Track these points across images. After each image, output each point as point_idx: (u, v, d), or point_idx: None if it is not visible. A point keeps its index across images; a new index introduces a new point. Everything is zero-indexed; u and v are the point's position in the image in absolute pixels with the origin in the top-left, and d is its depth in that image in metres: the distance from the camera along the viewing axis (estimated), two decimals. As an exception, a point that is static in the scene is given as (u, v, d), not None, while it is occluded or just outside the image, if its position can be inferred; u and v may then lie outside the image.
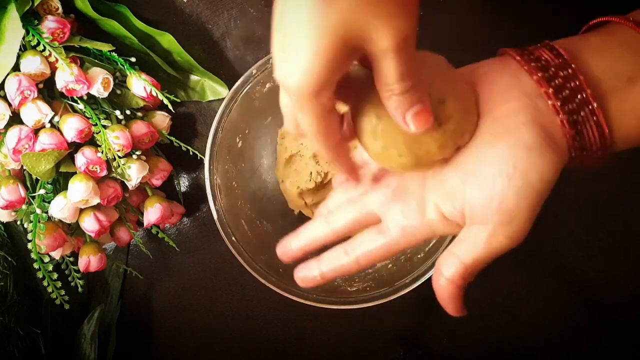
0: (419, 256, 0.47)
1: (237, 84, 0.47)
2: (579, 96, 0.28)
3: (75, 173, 0.46)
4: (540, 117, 0.28)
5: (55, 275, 0.45)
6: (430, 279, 0.46)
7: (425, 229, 0.31)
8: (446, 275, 0.31)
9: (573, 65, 0.28)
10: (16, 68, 0.45)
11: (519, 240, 0.29)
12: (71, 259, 0.49)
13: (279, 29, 0.26)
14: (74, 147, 0.47)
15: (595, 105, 0.28)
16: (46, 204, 0.46)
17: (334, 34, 0.24)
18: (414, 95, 0.27)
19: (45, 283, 0.45)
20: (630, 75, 0.28)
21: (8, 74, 0.44)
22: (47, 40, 0.45)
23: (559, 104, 0.28)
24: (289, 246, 0.36)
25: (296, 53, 0.25)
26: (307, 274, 0.35)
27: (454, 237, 0.45)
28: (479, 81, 0.30)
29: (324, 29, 0.24)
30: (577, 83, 0.28)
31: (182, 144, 0.52)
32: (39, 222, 0.45)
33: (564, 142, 0.28)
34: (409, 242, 0.32)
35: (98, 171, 0.46)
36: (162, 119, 0.51)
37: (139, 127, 0.49)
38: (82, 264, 0.48)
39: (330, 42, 0.24)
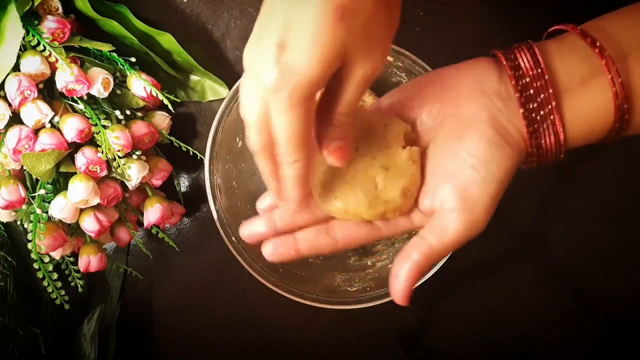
0: (419, 256, 0.47)
1: (237, 84, 0.47)
2: (541, 95, 0.30)
3: (75, 173, 0.46)
4: (499, 116, 0.31)
5: (55, 275, 0.45)
6: (430, 279, 0.46)
7: (406, 222, 0.34)
8: (414, 256, 0.31)
9: (543, 65, 0.31)
10: (16, 68, 0.45)
11: (480, 228, 0.31)
12: (71, 259, 0.49)
13: (277, 18, 0.26)
14: (74, 147, 0.47)
15: (554, 104, 0.30)
16: (46, 204, 0.46)
17: (335, 47, 0.26)
18: (342, 132, 0.30)
19: (45, 283, 0.45)
20: (582, 78, 0.30)
21: (8, 74, 0.44)
22: (47, 41, 0.45)
23: (523, 101, 0.31)
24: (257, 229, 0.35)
25: (300, 51, 0.26)
26: (282, 249, 0.34)
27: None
28: (444, 84, 0.33)
29: (329, 40, 0.26)
30: (543, 82, 0.30)
31: (182, 144, 0.52)
32: (39, 222, 0.45)
33: (521, 139, 0.31)
34: (392, 232, 0.34)
35: (98, 171, 0.46)
36: (162, 119, 0.51)
37: (139, 127, 0.49)
38: (82, 264, 0.48)
39: (331, 53, 0.26)
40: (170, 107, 0.49)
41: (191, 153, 0.52)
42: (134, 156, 0.48)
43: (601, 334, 0.55)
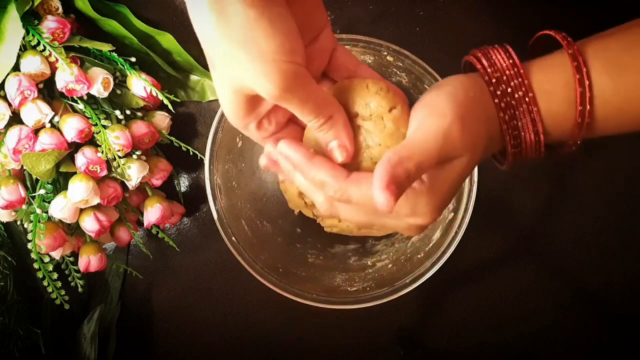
0: (418, 256, 0.47)
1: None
2: (515, 82, 0.31)
3: (75, 173, 0.46)
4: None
5: (55, 275, 0.45)
6: (431, 279, 0.46)
7: None
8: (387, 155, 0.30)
9: (522, 71, 0.32)
10: (16, 68, 0.45)
11: (446, 121, 0.31)
12: (71, 259, 0.49)
13: None
14: (74, 147, 0.47)
15: (530, 95, 0.31)
16: (46, 204, 0.46)
17: (231, 88, 0.28)
18: (329, 132, 0.31)
19: (45, 283, 0.45)
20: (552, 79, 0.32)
21: (8, 74, 0.44)
22: (47, 40, 0.45)
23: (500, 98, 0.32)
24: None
25: (220, 102, 0.30)
26: (294, 152, 0.31)
27: (453, 240, 0.46)
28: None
29: (224, 84, 0.29)
30: (516, 72, 0.32)
31: (182, 144, 0.52)
32: (39, 222, 0.45)
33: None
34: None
35: (98, 171, 0.46)
36: (162, 119, 0.51)
37: (139, 127, 0.49)
38: (82, 264, 0.48)
39: (233, 93, 0.29)
40: (170, 107, 0.49)
41: (191, 153, 0.52)
42: (134, 156, 0.48)
43: (601, 334, 0.55)
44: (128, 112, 0.49)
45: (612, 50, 0.32)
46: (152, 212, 0.50)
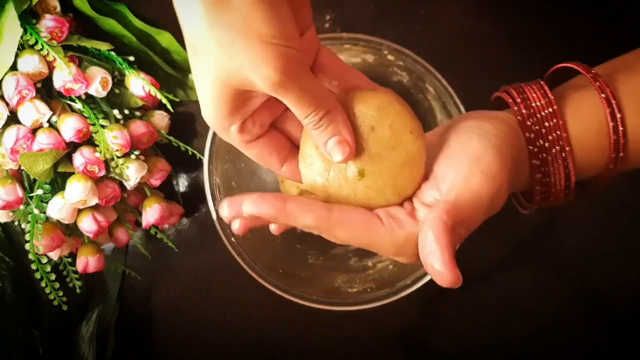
0: (419, 257, 0.47)
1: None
2: (549, 123, 0.30)
3: (73, 173, 0.46)
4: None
5: (53, 276, 0.45)
6: (431, 280, 0.45)
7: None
8: (436, 216, 0.27)
9: (555, 107, 0.31)
10: (14, 67, 0.45)
11: (497, 181, 0.29)
12: (69, 259, 0.49)
13: None
14: (72, 147, 0.47)
15: (564, 135, 0.30)
16: (44, 204, 0.46)
17: (219, 80, 0.26)
18: (328, 127, 0.28)
19: (43, 284, 0.44)
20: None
21: (6, 73, 0.44)
22: (45, 40, 0.44)
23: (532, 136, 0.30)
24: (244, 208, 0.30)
25: (200, 99, 0.28)
26: (262, 208, 0.28)
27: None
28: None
29: (209, 76, 0.26)
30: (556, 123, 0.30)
31: (181, 143, 0.52)
32: (37, 222, 0.45)
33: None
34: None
35: (96, 171, 0.46)
36: (161, 119, 0.51)
37: (138, 127, 0.48)
38: (80, 264, 0.48)
39: (219, 87, 0.26)
40: (169, 106, 0.49)
41: (190, 153, 0.52)
42: (133, 156, 0.48)
43: (602, 334, 0.55)
44: (126, 111, 0.49)
45: None
46: (151, 213, 0.49)
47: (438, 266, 0.26)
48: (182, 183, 0.56)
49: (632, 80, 0.31)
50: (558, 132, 0.30)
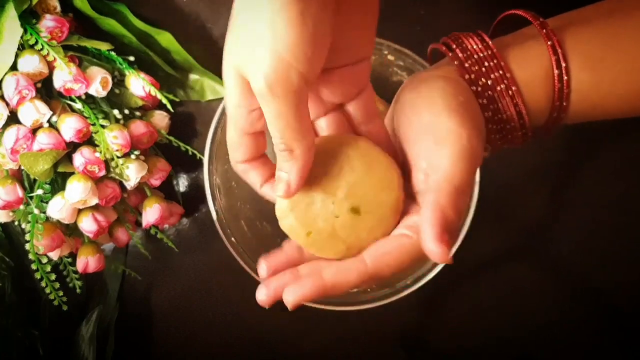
0: (420, 257, 0.47)
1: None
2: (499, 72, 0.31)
3: (73, 173, 0.46)
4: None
5: (53, 276, 0.45)
6: (432, 280, 0.45)
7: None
8: (427, 198, 0.27)
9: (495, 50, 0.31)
10: (14, 67, 0.45)
11: (475, 153, 0.29)
12: (69, 259, 0.49)
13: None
14: (72, 147, 0.47)
15: (509, 75, 0.30)
16: (44, 204, 0.46)
17: (233, 73, 0.27)
18: (287, 162, 0.28)
19: (43, 284, 0.44)
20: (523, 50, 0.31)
21: (6, 73, 0.44)
22: (46, 40, 0.44)
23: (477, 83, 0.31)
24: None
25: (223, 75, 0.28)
26: (306, 298, 0.29)
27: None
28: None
29: (227, 69, 0.27)
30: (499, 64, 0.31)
31: (181, 143, 0.51)
32: (37, 222, 0.45)
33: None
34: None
35: (96, 171, 0.46)
36: (161, 119, 0.51)
37: (138, 127, 0.48)
38: (80, 264, 0.48)
39: (234, 80, 0.27)
40: (169, 106, 0.49)
41: (190, 153, 0.52)
42: (133, 156, 0.48)
43: (602, 334, 0.55)
44: (127, 111, 0.49)
45: (593, 44, 0.31)
46: (151, 213, 0.49)
47: (427, 242, 0.26)
48: (182, 183, 0.56)
49: (583, 35, 0.31)
50: (501, 72, 0.30)
